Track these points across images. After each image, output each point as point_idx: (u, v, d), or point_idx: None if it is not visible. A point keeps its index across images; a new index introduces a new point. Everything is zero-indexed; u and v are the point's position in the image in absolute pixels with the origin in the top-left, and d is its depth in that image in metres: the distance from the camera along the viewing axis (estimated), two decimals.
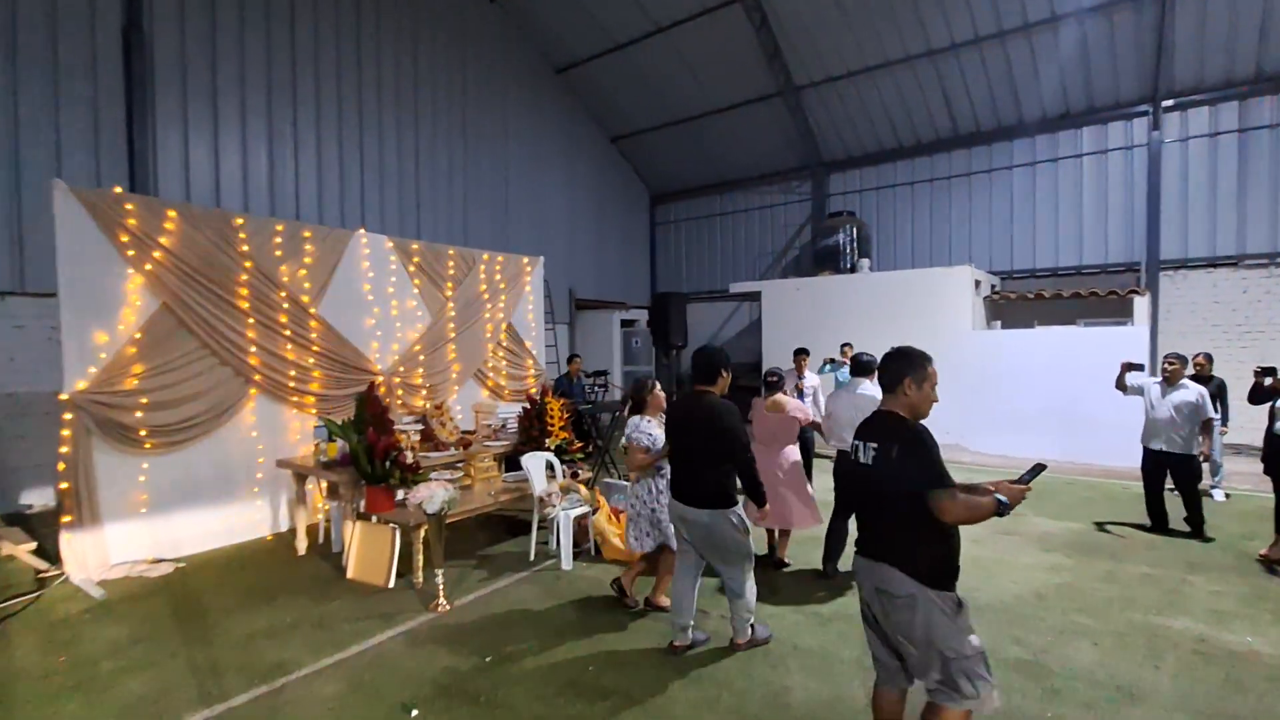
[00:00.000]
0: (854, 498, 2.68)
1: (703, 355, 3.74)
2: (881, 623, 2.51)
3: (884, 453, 2.47)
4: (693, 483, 3.62)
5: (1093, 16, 10.39)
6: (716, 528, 3.56)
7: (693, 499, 3.61)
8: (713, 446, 3.54)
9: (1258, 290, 10.48)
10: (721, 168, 15.54)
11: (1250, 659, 3.59)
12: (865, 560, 2.55)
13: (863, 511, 2.64)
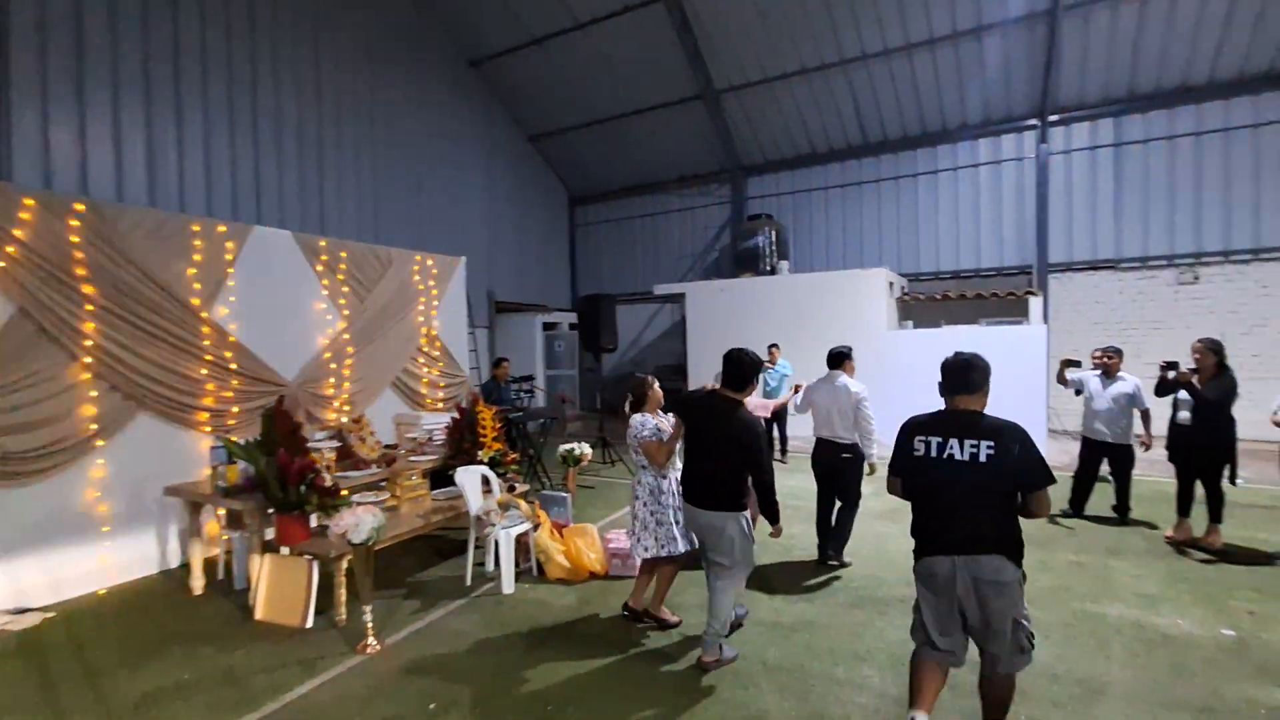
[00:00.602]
0: (937, 493, 2.74)
1: (739, 362, 3.62)
2: (978, 610, 2.62)
3: (1003, 450, 2.60)
4: (706, 485, 3.63)
5: (989, 34, 11.07)
6: (727, 530, 3.56)
7: (704, 502, 3.63)
8: (743, 459, 3.55)
9: (1132, 290, 11.53)
10: (642, 169, 15.44)
11: (1184, 642, 3.78)
12: (963, 556, 2.63)
13: (955, 509, 2.68)
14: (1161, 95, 11.06)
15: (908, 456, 2.83)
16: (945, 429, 2.73)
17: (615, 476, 8.53)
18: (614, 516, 6.76)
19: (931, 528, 2.77)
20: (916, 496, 2.85)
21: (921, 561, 2.78)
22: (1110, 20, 10.41)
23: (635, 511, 4.11)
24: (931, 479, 2.74)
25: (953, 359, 2.86)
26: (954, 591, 2.64)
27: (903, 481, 2.90)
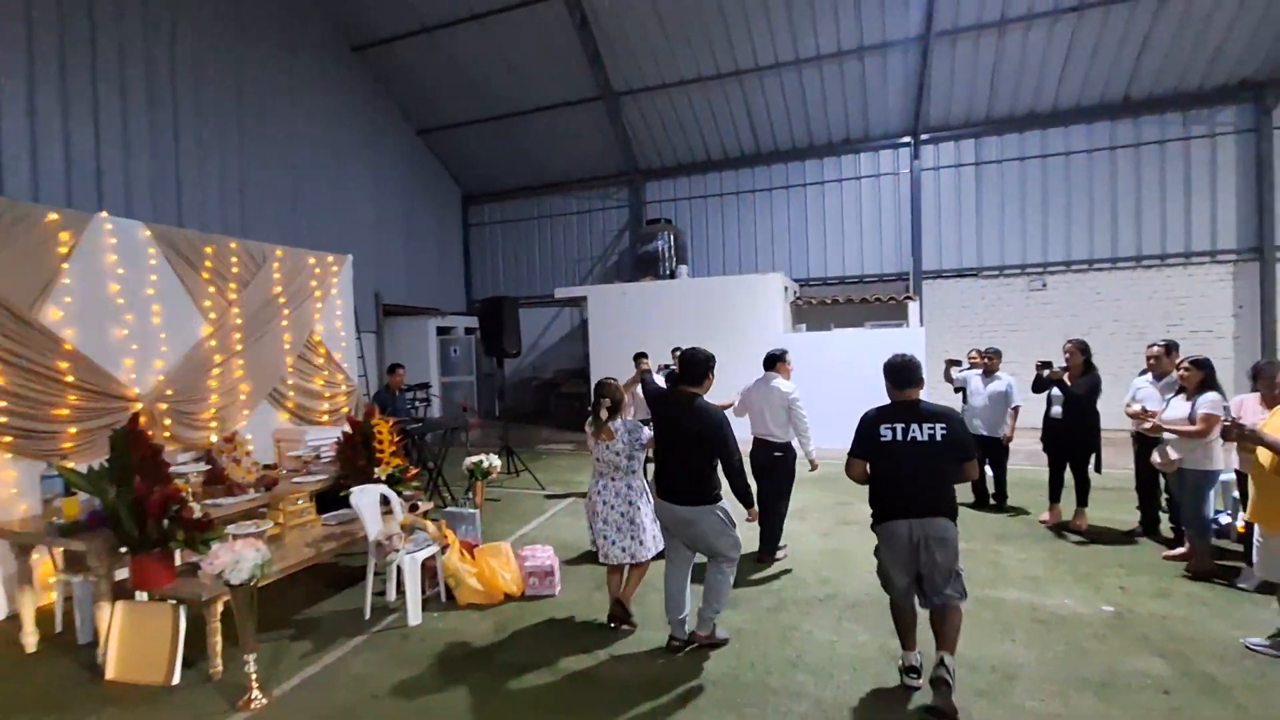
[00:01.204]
0: (900, 469, 3.26)
1: (696, 358, 3.86)
2: (928, 561, 3.21)
3: (951, 430, 3.21)
4: (682, 481, 3.76)
5: (870, 55, 11.77)
6: (705, 523, 3.72)
7: (682, 498, 3.75)
8: (704, 449, 3.71)
9: (991, 296, 12.71)
10: (539, 169, 15.09)
11: (1074, 621, 4.09)
12: (918, 519, 3.20)
13: (916, 479, 3.22)
14: (1014, 120, 12.28)
15: (875, 441, 3.28)
16: (905, 417, 3.26)
17: (521, 488, 8.18)
18: (525, 531, 6.44)
19: (894, 498, 3.28)
20: (880, 474, 3.33)
21: (883, 525, 3.33)
22: (973, 49, 11.40)
23: (600, 515, 4.12)
24: (897, 458, 3.24)
25: (899, 359, 3.38)
26: (910, 547, 3.22)
27: (868, 463, 3.35)
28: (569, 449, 11.17)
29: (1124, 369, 9.58)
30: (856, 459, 3.38)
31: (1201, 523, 4.70)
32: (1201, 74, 11.10)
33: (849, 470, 3.43)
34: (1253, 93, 11.06)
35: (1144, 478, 5.63)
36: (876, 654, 3.76)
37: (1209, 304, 11.55)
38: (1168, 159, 11.68)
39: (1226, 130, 11.37)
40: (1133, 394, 5.53)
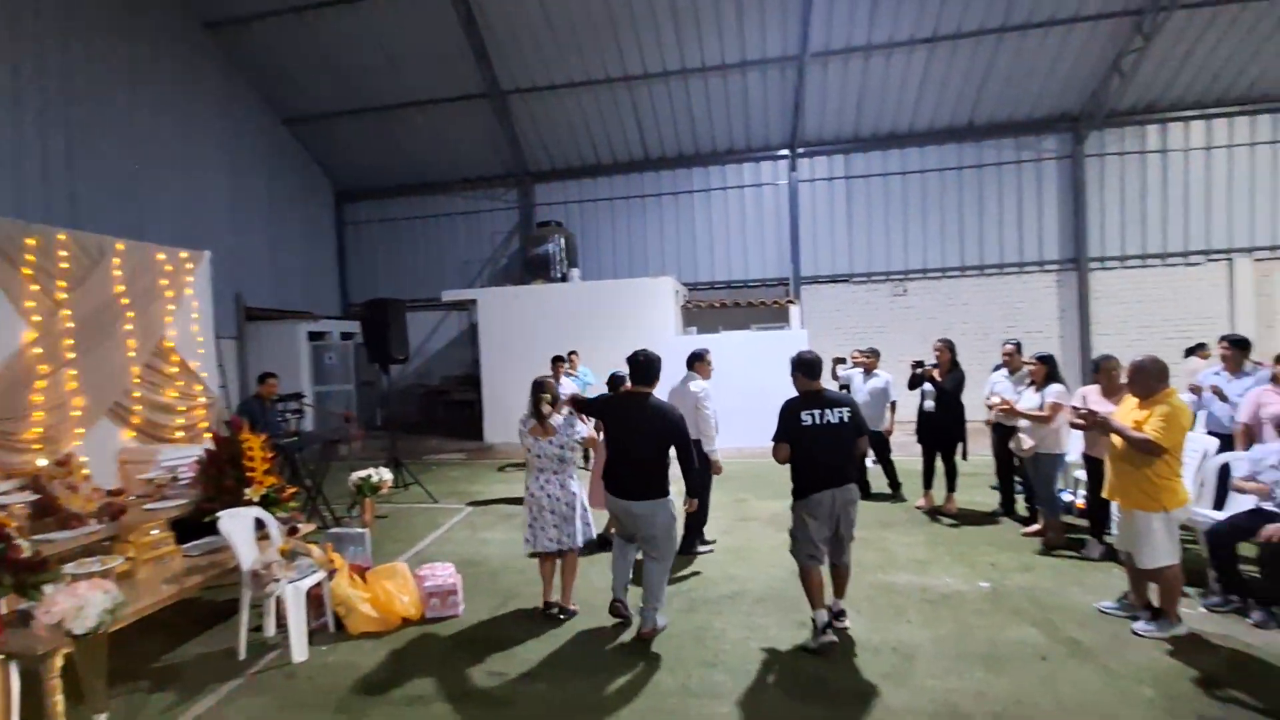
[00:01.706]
0: (820, 448, 3.77)
1: (647, 360, 4.13)
2: (845, 523, 3.87)
3: (852, 412, 3.84)
4: (637, 478, 3.97)
5: (751, 70, 12.29)
6: (658, 516, 3.98)
7: (637, 493, 3.96)
8: (663, 444, 4.01)
9: (861, 301, 13.70)
10: (423, 167, 14.38)
11: (957, 599, 4.45)
12: (838, 487, 3.79)
13: (832, 457, 3.79)
14: (879, 139, 13.33)
15: (798, 426, 3.76)
16: (819, 404, 3.80)
17: (412, 502, 7.70)
18: (421, 548, 6.05)
19: (818, 472, 3.79)
20: (803, 453, 3.79)
21: (809, 497, 3.81)
22: (843, 71, 12.23)
23: (547, 508, 4.31)
24: (818, 439, 3.75)
25: (810, 356, 3.94)
26: (831, 513, 3.78)
27: (790, 445, 3.79)
28: (460, 458, 10.70)
29: (973, 366, 10.66)
30: (783, 443, 3.81)
31: (1053, 501, 5.29)
32: (1030, 106, 12.62)
33: (776, 454, 3.85)
34: (1070, 124, 12.73)
35: (1002, 463, 6.26)
36: (789, 646, 3.87)
37: (1039, 307, 13.14)
38: (1004, 179, 13.16)
39: (1049, 156, 13.00)
40: (991, 388, 6.13)
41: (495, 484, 8.70)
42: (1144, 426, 3.65)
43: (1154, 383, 3.70)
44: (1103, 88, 11.96)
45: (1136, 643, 3.69)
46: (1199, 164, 12.53)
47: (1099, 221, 12.81)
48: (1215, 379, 5.52)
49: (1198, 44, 11.30)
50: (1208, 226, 12.53)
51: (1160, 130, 12.61)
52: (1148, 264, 12.79)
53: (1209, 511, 4.51)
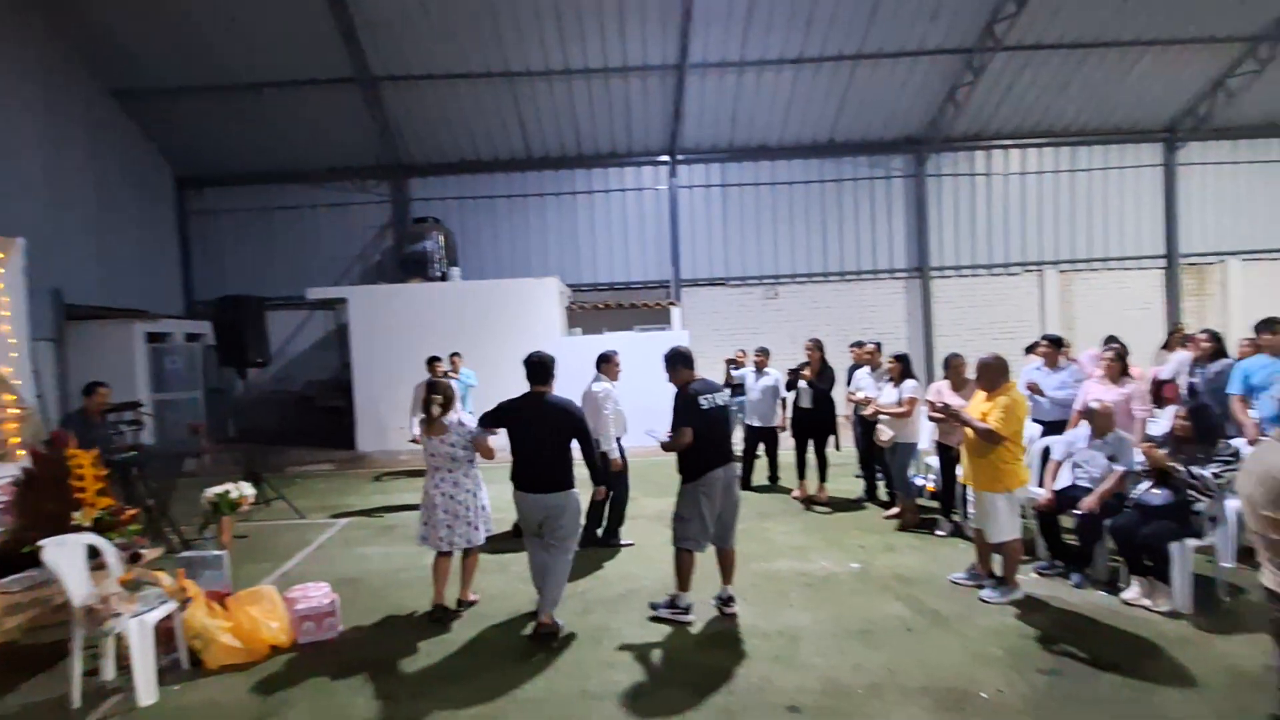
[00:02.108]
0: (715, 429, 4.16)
1: (540, 361, 4.31)
2: (730, 504, 4.21)
3: (724, 397, 4.31)
4: (546, 472, 4.11)
5: (633, 75, 12.46)
6: (568, 508, 4.15)
7: (545, 487, 4.10)
8: (565, 437, 4.16)
9: (736, 304, 14.37)
10: (282, 154, 13.17)
11: (833, 581, 4.80)
12: (725, 465, 4.16)
13: (722, 438, 4.21)
14: (752, 150, 14.04)
15: (700, 411, 4.05)
16: (710, 390, 4.20)
17: (276, 519, 7.06)
18: (288, 568, 5.57)
19: (713, 453, 4.11)
20: (700, 436, 4.04)
21: (705, 476, 4.07)
22: (719, 83, 12.73)
23: (440, 506, 4.36)
24: (715, 421, 4.12)
25: (684, 349, 4.35)
26: (724, 491, 4.12)
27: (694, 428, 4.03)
28: (329, 469, 9.96)
29: (836, 365, 11.58)
30: (687, 428, 4.04)
31: (909, 486, 5.86)
32: (881, 128, 13.85)
33: (683, 439, 4.04)
34: (914, 147, 14.12)
35: (865, 454, 6.83)
36: (686, 642, 3.98)
37: (890, 312, 14.46)
38: (859, 193, 14.35)
39: (897, 175, 14.35)
40: (856, 384, 6.69)
41: (371, 495, 8.20)
42: (987, 417, 4.14)
43: (997, 377, 4.23)
44: (940, 115, 13.38)
45: (984, 609, 4.19)
46: (1017, 187, 14.38)
47: (938, 234, 14.32)
48: (1036, 374, 6.36)
49: (1016, 82, 12.95)
50: (1024, 242, 14.40)
51: (986, 156, 14.33)
52: (977, 273, 14.48)
53: (1035, 489, 5.20)
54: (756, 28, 11.55)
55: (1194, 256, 14.43)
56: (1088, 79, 12.91)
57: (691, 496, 4.09)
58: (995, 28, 11.49)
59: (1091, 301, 14.37)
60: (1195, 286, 14.55)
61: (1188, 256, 14.38)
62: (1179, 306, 14.27)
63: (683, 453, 4.10)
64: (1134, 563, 4.14)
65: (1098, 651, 3.60)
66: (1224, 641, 3.65)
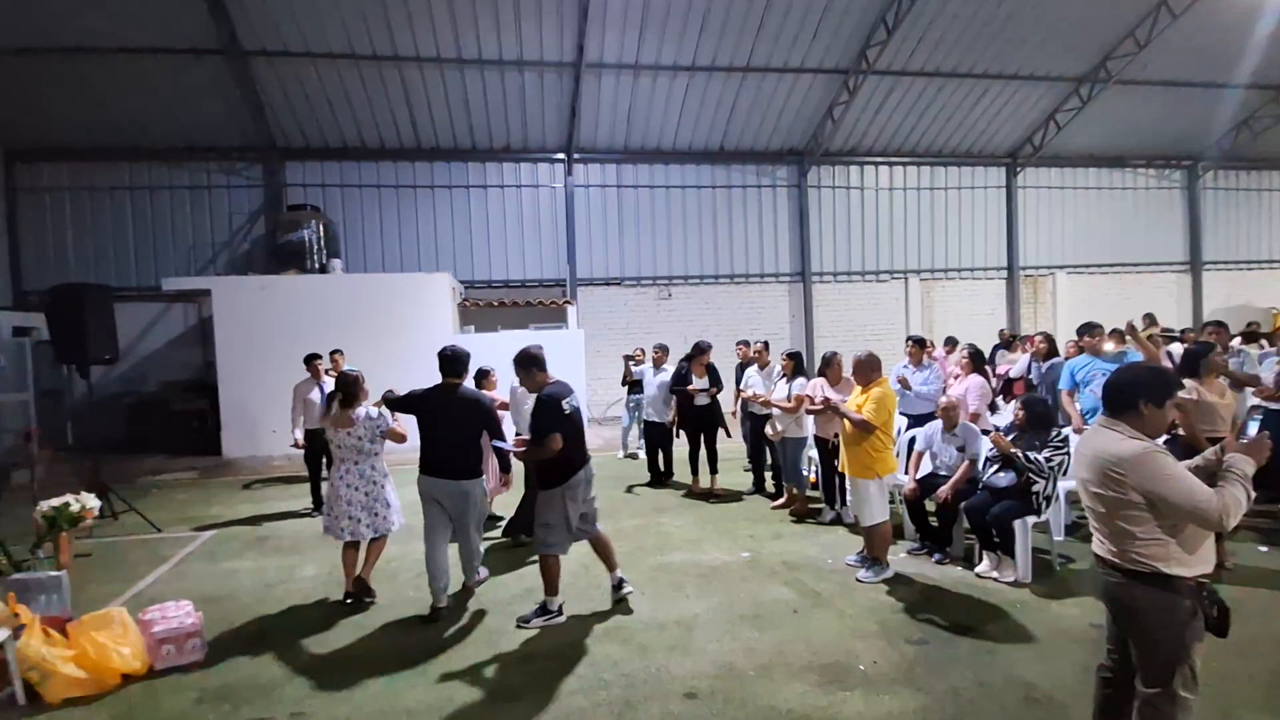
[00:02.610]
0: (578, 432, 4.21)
1: (455, 355, 4.46)
2: (590, 500, 4.33)
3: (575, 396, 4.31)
4: (455, 460, 4.31)
5: (529, 70, 12.29)
6: (474, 494, 4.41)
7: (454, 474, 4.31)
8: (473, 428, 4.38)
9: (632, 304, 14.57)
10: (131, 128, 11.80)
11: (725, 570, 4.99)
12: (588, 467, 4.30)
13: (582, 439, 4.26)
14: (646, 153, 14.29)
15: (562, 415, 4.06)
16: (564, 391, 4.18)
17: (125, 534, 6.33)
18: (142, 588, 5.03)
19: (577, 455, 4.16)
20: (567, 439, 4.03)
21: (570, 480, 4.10)
22: (615, 84, 12.85)
23: (344, 498, 4.51)
24: (575, 424, 4.15)
25: (537, 349, 4.26)
26: (586, 491, 4.24)
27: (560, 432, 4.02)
28: (191, 478, 9.05)
29: (724, 364, 12.06)
30: (557, 434, 3.99)
31: (799, 477, 6.22)
32: (767, 139, 14.57)
33: (552, 445, 3.97)
34: (796, 158, 14.97)
35: (754, 448, 7.17)
36: (584, 638, 3.99)
37: (775, 313, 15.24)
38: (748, 200, 15.01)
39: (782, 184, 15.15)
40: (746, 382, 7.00)
41: (240, 504, 7.54)
42: (861, 409, 4.51)
43: (870, 372, 4.61)
44: (820, 130, 14.28)
45: (861, 588, 4.53)
46: (886, 201, 15.62)
47: (818, 242, 15.28)
48: (904, 370, 6.95)
49: (884, 104, 14.06)
50: (891, 251, 15.67)
51: (860, 170, 15.46)
52: (852, 279, 15.59)
53: (902, 477, 5.68)
54: (651, 32, 11.77)
55: (1030, 269, 16.35)
56: (944, 106, 14.28)
57: (558, 501, 4.08)
58: (868, 53, 12.42)
59: (947, 307, 15.89)
60: (1031, 295, 16.49)
61: (1025, 269, 16.27)
62: (1018, 313, 16.11)
63: (546, 458, 4.01)
64: (985, 539, 4.64)
65: (956, 619, 4.01)
66: (1058, 605, 4.18)
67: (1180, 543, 2.27)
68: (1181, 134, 16.00)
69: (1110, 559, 2.39)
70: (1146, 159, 16.67)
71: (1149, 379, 2.45)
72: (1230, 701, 3.06)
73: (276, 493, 8.05)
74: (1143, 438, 2.32)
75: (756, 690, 3.34)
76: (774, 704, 3.21)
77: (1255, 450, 2.32)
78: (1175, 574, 2.26)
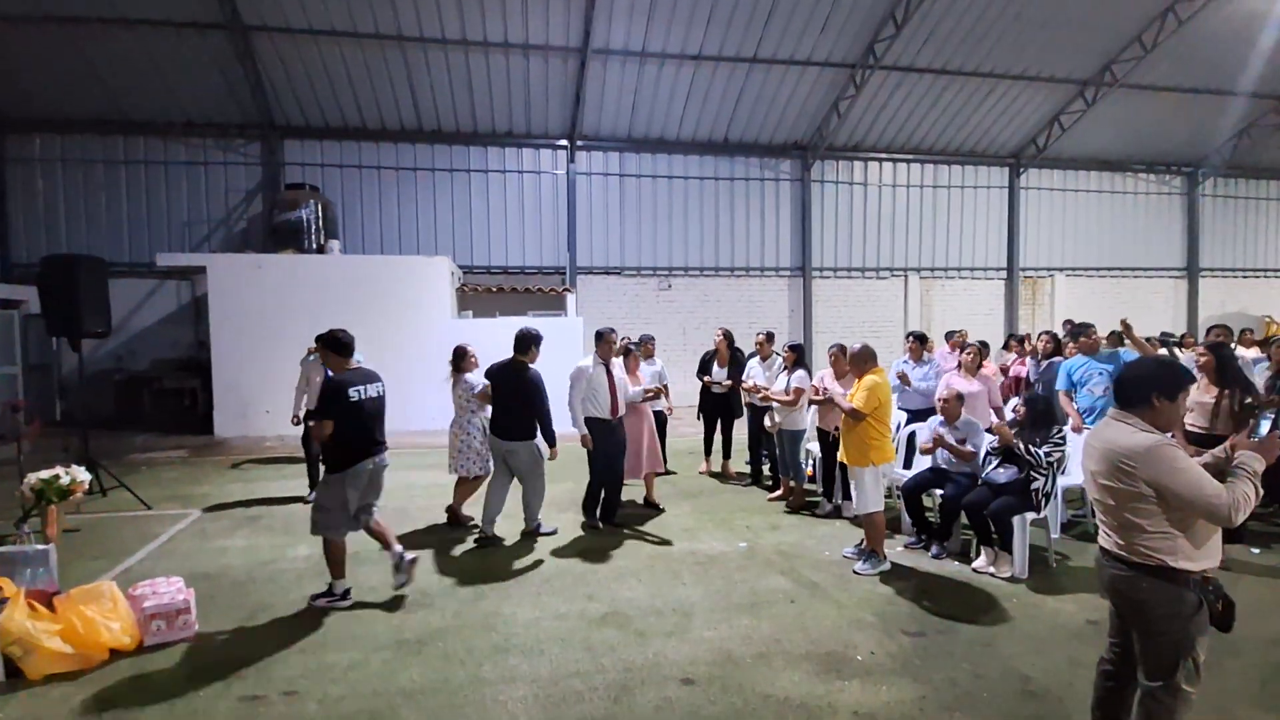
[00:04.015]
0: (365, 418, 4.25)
1: (528, 336, 5.30)
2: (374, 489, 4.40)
3: (382, 386, 4.48)
4: (515, 425, 5.25)
5: (534, 54, 12.15)
6: (530, 453, 5.31)
7: (514, 436, 5.26)
8: (529, 402, 5.23)
9: (631, 293, 14.50)
10: (128, 101, 11.62)
11: (722, 559, 4.97)
12: (378, 458, 4.33)
13: (374, 428, 4.33)
14: (650, 142, 14.18)
15: (347, 403, 4.12)
16: (362, 380, 4.26)
17: (115, 510, 6.26)
18: (132, 563, 4.96)
19: (364, 441, 4.22)
20: (348, 427, 4.11)
21: (353, 468, 4.16)
22: (620, 71, 12.72)
23: (464, 443, 5.64)
24: (365, 411, 4.20)
25: (342, 334, 4.29)
26: (370, 479, 4.28)
27: (336, 420, 4.08)
28: (181, 456, 8.96)
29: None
30: (327, 420, 4.09)
31: (798, 469, 6.20)
32: (771, 131, 14.48)
33: (320, 432, 4.11)
34: (800, 152, 14.89)
35: (754, 438, 7.16)
36: (578, 620, 3.97)
37: (775, 307, 15.20)
38: (750, 193, 14.93)
39: (785, 178, 15.08)
40: (748, 373, 6.97)
41: (230, 484, 7.47)
42: (853, 398, 4.53)
43: (864, 364, 4.63)
44: (825, 124, 14.21)
45: (857, 579, 4.52)
46: (889, 198, 15.57)
47: (819, 237, 15.23)
48: (904, 366, 6.93)
49: (890, 100, 13.99)
50: (893, 248, 15.64)
51: (864, 166, 15.40)
52: (852, 275, 15.55)
53: (900, 470, 5.68)
54: (659, 19, 11.65)
55: (1030, 270, 16.36)
56: (949, 104, 14.22)
57: (337, 486, 4.15)
58: (876, 47, 12.34)
59: (946, 306, 15.89)
60: (1029, 296, 16.50)
61: (1025, 270, 16.28)
62: (1016, 313, 16.13)
63: (330, 442, 4.10)
64: (983, 534, 4.63)
65: (953, 612, 3.99)
66: (1054, 601, 4.18)
67: (1188, 537, 2.27)
68: (1183, 140, 16.02)
69: (1117, 552, 2.39)
70: (1148, 164, 16.68)
71: (1162, 373, 2.45)
72: (1224, 699, 3.07)
73: (268, 473, 7.98)
74: (1154, 431, 2.31)
75: (754, 677, 3.32)
76: (771, 691, 3.19)
77: (1266, 449, 2.33)
78: (1181, 568, 2.26)
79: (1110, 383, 4.34)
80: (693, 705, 3.10)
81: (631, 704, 3.12)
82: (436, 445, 9.85)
